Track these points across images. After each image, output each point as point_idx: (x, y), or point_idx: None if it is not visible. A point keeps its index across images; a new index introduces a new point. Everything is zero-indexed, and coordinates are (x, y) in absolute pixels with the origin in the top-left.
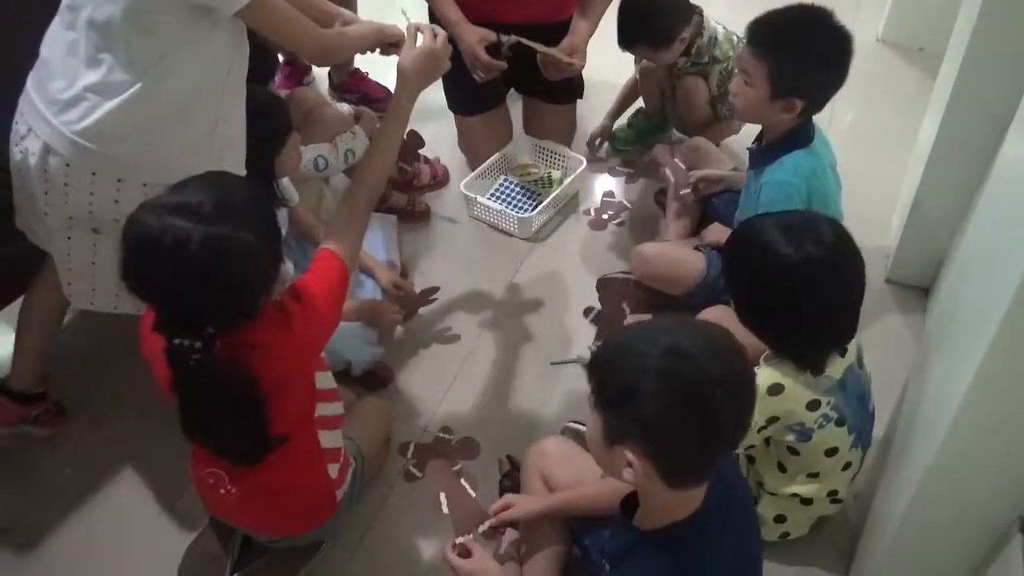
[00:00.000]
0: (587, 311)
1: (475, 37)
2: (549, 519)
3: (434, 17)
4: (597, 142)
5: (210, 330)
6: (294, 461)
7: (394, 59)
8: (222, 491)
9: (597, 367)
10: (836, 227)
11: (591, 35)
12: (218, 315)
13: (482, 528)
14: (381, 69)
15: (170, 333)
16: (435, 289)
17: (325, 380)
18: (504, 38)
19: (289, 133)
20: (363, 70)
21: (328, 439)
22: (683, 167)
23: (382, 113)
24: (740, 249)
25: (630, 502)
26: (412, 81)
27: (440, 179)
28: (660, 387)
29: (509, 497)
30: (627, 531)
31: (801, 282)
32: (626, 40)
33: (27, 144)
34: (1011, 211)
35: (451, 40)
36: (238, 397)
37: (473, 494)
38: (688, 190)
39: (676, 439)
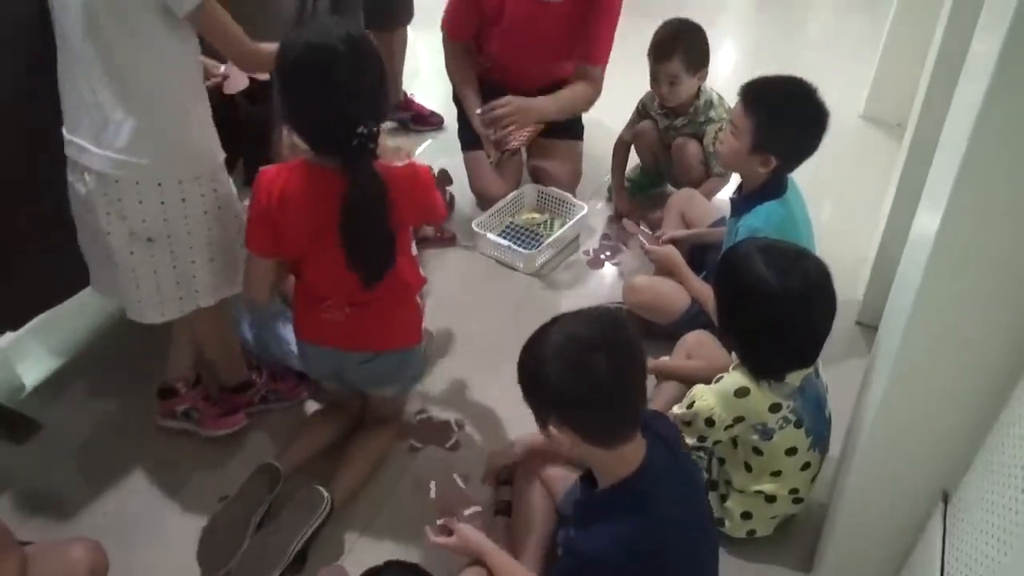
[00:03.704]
0: None
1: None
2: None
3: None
4: (626, 221)
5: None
6: (396, 284)
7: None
8: (336, 313)
9: (518, 369)
10: (820, 267)
11: (541, 111)
12: (370, 114)
13: (470, 510)
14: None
15: (348, 131)
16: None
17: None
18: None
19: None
20: (410, 94)
21: (414, 274)
22: (649, 232)
23: (427, 128)
24: (727, 267)
25: (590, 475)
26: None
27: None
28: (552, 365)
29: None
30: (586, 496)
31: (776, 311)
32: (665, 52)
33: (84, 176)
34: (914, 274)
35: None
36: (384, 209)
37: (463, 486)
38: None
39: (577, 405)
